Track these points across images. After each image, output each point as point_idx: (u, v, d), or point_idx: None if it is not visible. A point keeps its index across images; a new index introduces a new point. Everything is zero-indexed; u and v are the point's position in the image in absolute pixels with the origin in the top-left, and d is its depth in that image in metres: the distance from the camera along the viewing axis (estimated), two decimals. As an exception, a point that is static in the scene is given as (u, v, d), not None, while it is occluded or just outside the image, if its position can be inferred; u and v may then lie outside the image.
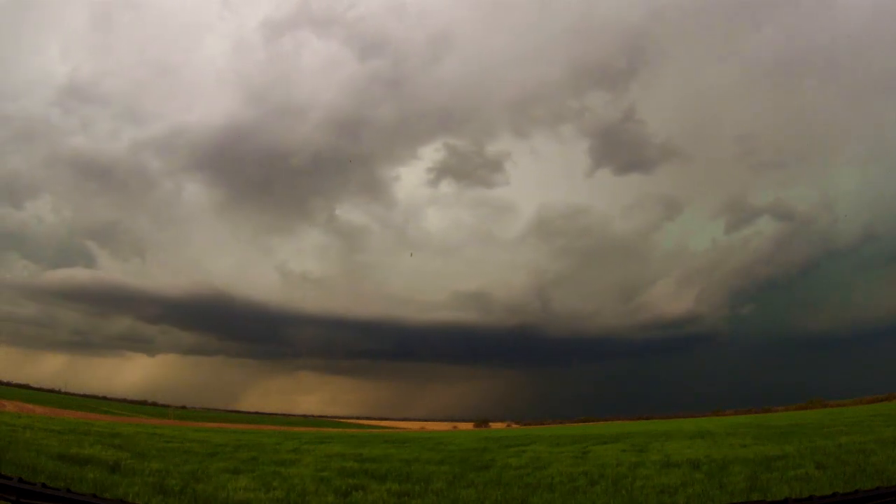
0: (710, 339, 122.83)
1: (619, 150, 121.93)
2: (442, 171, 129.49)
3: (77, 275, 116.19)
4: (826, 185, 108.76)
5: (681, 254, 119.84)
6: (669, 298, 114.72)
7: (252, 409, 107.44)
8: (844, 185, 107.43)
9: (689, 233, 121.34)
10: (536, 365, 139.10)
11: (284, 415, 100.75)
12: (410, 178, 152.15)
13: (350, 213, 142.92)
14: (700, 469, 10.91)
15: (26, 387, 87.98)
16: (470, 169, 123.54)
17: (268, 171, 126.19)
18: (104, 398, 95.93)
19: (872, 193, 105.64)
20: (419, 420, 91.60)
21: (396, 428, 69.01)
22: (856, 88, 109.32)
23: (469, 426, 76.20)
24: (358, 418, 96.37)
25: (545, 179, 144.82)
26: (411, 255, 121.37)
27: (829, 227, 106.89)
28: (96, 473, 8.96)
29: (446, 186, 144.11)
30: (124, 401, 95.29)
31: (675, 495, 8.21)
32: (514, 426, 79.92)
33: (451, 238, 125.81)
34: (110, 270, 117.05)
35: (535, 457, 16.00)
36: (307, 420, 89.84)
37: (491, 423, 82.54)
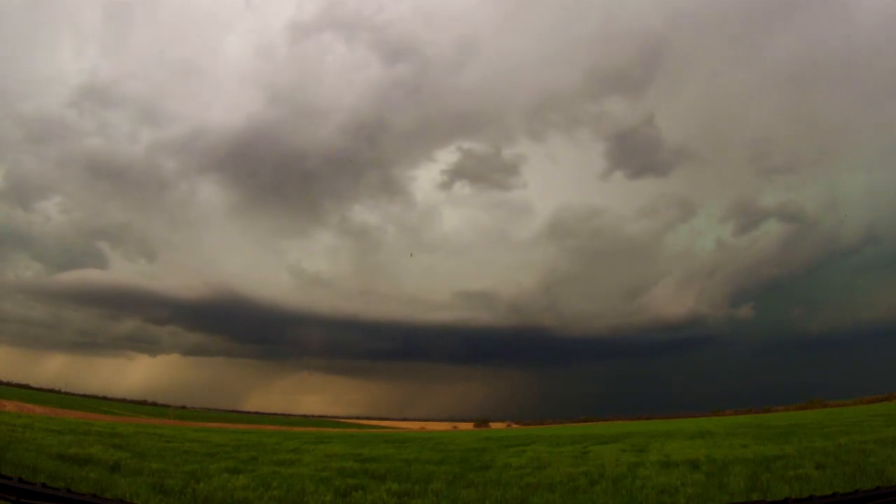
0: (712, 340, 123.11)
1: (635, 153, 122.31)
2: (456, 174, 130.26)
3: (87, 276, 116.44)
4: (833, 188, 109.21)
5: (687, 256, 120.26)
6: (673, 300, 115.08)
7: (253, 410, 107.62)
8: (851, 188, 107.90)
9: (698, 235, 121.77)
10: (537, 365, 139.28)
11: (284, 415, 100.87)
12: (425, 181, 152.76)
13: (362, 214, 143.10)
14: (700, 469, 10.90)
15: (26, 387, 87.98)
16: (485, 172, 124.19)
17: (283, 172, 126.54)
18: (104, 398, 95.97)
19: (877, 196, 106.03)
20: (419, 420, 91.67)
21: (396, 428, 68.97)
22: (867, 93, 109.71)
23: (469, 426, 76.17)
24: (358, 418, 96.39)
25: (560, 182, 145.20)
26: (411, 255, 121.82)
27: (833, 230, 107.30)
28: (97, 473, 8.96)
29: (460, 189, 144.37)
30: (124, 401, 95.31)
31: (675, 495, 8.20)
32: (514, 426, 79.88)
33: (462, 239, 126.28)
34: (122, 272, 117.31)
35: (535, 457, 15.98)
36: (307, 420, 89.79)
37: (491, 423, 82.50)
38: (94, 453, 11.64)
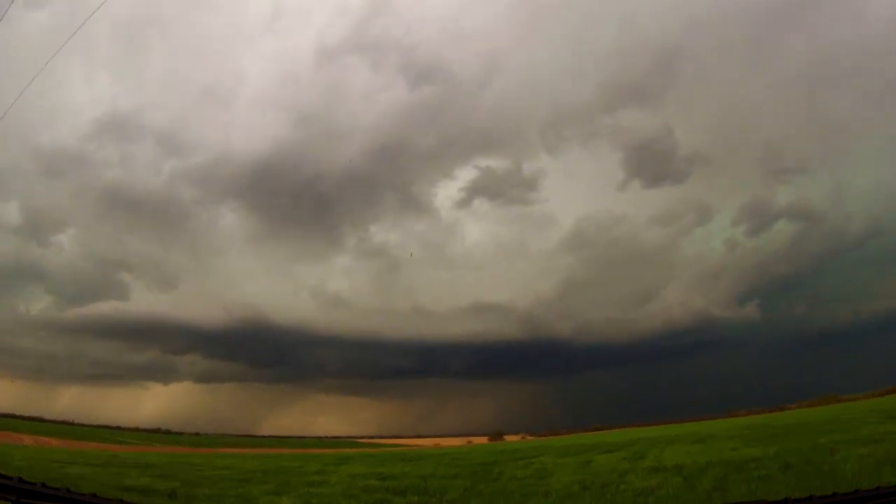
0: (727, 341, 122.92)
1: (651, 161, 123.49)
2: (474, 191, 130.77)
3: (103, 308, 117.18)
4: (842, 184, 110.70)
5: (701, 259, 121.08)
6: (687, 303, 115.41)
7: (267, 433, 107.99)
8: (860, 184, 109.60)
9: (712, 238, 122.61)
10: (552, 374, 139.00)
11: (299, 437, 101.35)
12: (443, 199, 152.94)
13: (379, 234, 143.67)
14: (681, 473, 12.18)
15: (39, 419, 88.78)
16: (504, 188, 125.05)
17: (302, 195, 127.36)
18: (118, 428, 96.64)
19: (882, 190, 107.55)
20: (433, 437, 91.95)
21: (411, 445, 69.59)
22: (876, 89, 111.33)
23: (484, 440, 76.47)
24: (371, 437, 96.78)
25: (576, 193, 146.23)
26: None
27: (840, 225, 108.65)
28: (162, 502, 10.48)
29: (478, 205, 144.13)
30: (137, 430, 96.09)
31: (648, 497, 9.61)
32: (528, 438, 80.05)
33: (482, 255, 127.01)
34: (140, 303, 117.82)
35: (541, 468, 17.19)
36: (322, 442, 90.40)
37: (506, 436, 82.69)
38: (148, 484, 13.16)
